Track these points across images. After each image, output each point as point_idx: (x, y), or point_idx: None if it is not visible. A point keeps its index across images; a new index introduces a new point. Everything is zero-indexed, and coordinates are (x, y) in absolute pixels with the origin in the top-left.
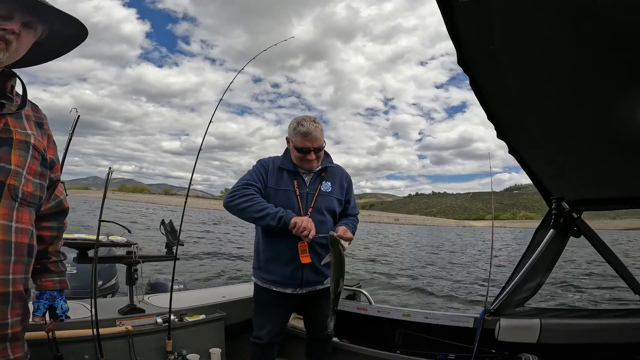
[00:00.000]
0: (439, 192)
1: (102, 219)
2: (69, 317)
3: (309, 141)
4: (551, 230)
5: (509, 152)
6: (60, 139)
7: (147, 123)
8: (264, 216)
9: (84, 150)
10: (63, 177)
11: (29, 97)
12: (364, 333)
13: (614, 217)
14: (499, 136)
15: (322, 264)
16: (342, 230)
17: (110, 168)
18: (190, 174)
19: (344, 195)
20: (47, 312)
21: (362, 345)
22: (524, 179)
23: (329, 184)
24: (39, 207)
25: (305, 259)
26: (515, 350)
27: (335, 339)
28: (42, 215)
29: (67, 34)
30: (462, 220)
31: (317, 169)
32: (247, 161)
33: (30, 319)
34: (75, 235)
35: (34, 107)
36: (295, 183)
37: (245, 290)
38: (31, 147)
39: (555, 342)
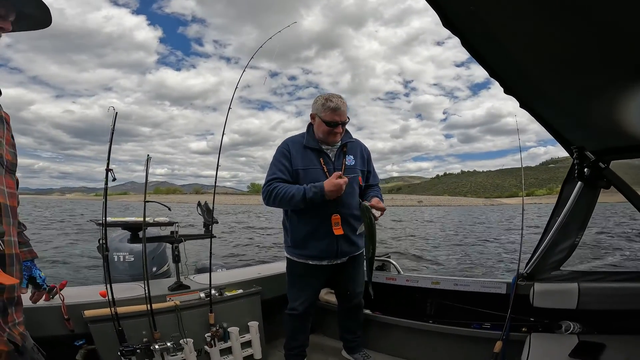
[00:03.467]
0: (468, 171)
1: (146, 199)
2: (52, 286)
3: (337, 116)
4: (579, 183)
5: (520, 107)
6: (97, 148)
7: (174, 126)
8: (297, 202)
9: (119, 158)
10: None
11: None
12: (395, 304)
13: None
14: (506, 92)
15: (357, 233)
16: (375, 200)
17: (148, 155)
18: (226, 172)
19: (366, 166)
20: (29, 283)
21: (395, 317)
22: (560, 151)
23: (352, 157)
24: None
25: (338, 231)
26: (555, 317)
27: (367, 311)
28: None
29: (34, 21)
30: (492, 198)
31: (339, 145)
32: (272, 154)
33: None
34: (127, 218)
35: None
36: (322, 160)
37: (279, 267)
38: (3, 119)
39: (597, 308)
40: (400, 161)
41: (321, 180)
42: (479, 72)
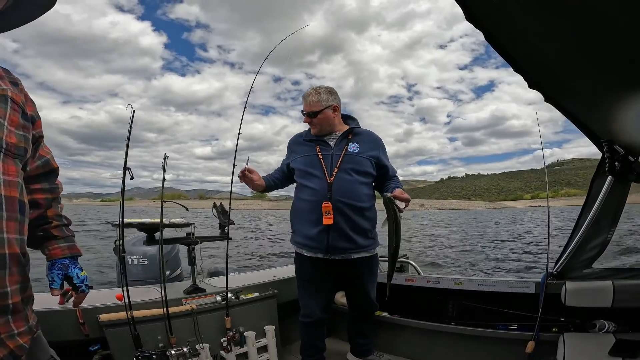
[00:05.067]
0: (472, 174)
1: (163, 199)
2: (91, 287)
3: (304, 104)
4: (609, 178)
5: (545, 101)
6: (103, 154)
7: (179, 132)
8: None
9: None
10: (112, 189)
11: None
12: (415, 306)
13: None
14: (531, 86)
15: (382, 227)
16: (399, 191)
17: (165, 154)
18: (230, 177)
19: (377, 156)
20: (65, 284)
21: (414, 319)
22: (566, 153)
23: (357, 145)
24: (25, 162)
25: (327, 220)
26: (587, 316)
27: (385, 314)
28: (30, 176)
29: (34, 2)
30: (496, 201)
31: (343, 132)
32: (275, 159)
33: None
34: (143, 219)
35: (6, 70)
36: (318, 148)
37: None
38: (9, 99)
39: (634, 306)
40: (404, 165)
41: (315, 164)
42: (483, 75)
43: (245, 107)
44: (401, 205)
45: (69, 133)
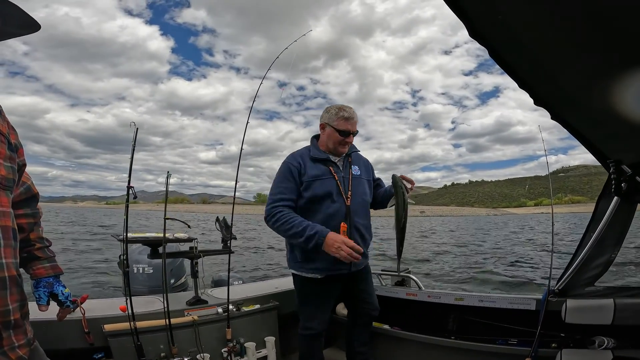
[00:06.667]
0: (476, 181)
1: (166, 217)
2: (75, 302)
3: (350, 125)
4: (615, 198)
5: (552, 119)
6: (109, 157)
7: (184, 136)
8: (295, 240)
9: None
10: (117, 193)
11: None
12: (415, 320)
13: None
14: (537, 103)
15: (388, 206)
16: (404, 175)
17: (168, 172)
18: (234, 182)
19: (371, 177)
20: (51, 300)
21: (414, 332)
22: (572, 160)
23: (357, 167)
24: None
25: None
26: (587, 333)
27: (385, 326)
28: (14, 202)
29: (20, 25)
30: (499, 208)
31: (344, 155)
32: (279, 165)
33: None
34: (147, 234)
35: None
36: (332, 169)
37: None
38: None
39: (634, 324)
40: (408, 171)
41: (333, 186)
42: (488, 81)
43: (249, 114)
44: (408, 185)
45: (75, 136)
